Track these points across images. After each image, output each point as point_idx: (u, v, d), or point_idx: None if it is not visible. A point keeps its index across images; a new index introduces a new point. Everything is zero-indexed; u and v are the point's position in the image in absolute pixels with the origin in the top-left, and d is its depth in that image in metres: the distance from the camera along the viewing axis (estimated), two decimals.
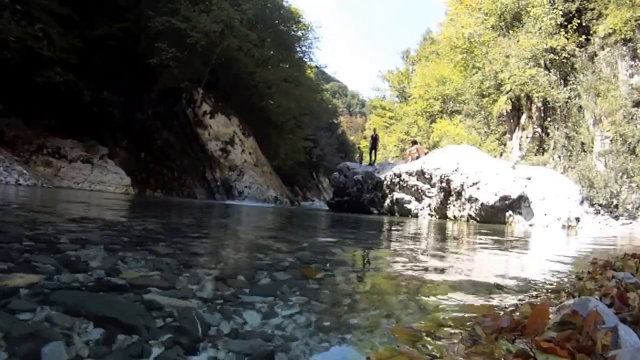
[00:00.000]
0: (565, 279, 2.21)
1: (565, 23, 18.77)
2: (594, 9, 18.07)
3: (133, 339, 0.95)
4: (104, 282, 1.43)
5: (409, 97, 33.61)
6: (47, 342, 0.85)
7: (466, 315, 1.36)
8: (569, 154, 18.00)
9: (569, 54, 18.71)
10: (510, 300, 1.66)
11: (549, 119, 19.20)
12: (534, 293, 1.83)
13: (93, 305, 1.11)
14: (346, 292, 1.74)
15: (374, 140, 18.95)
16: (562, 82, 19.02)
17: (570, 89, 18.50)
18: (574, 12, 18.81)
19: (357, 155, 25.16)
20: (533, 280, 2.22)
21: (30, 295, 1.17)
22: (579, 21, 18.54)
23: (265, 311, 1.29)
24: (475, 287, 2.01)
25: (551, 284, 2.06)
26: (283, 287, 1.62)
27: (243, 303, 1.35)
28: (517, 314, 1.15)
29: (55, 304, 1.10)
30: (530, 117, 20.04)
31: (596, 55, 18.10)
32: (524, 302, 1.51)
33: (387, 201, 14.44)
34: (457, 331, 1.08)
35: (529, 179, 11.84)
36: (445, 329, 1.13)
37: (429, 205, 13.22)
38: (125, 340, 0.94)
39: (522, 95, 19.72)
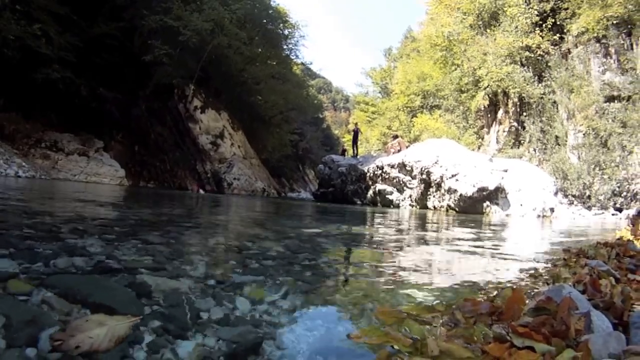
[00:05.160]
0: (541, 267, 2.27)
1: (540, 22, 19.30)
2: (567, 8, 18.64)
3: None
4: (100, 267, 1.47)
5: (391, 92, 33.95)
6: (44, 328, 0.85)
7: (448, 299, 1.39)
8: (543, 147, 18.61)
9: (543, 52, 19.28)
10: (490, 285, 1.68)
11: (524, 113, 19.78)
12: (512, 278, 1.87)
13: (87, 290, 1.11)
14: (333, 277, 1.77)
15: (356, 134, 19.31)
16: (537, 78, 19.60)
17: (545, 85, 19.08)
18: (548, 11, 19.36)
19: (340, 150, 25.47)
20: (510, 267, 2.27)
21: (28, 279, 1.19)
22: (553, 20, 19.10)
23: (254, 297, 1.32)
24: (455, 273, 2.04)
25: (527, 271, 2.11)
26: (270, 271, 1.69)
27: (234, 286, 1.38)
28: (498, 299, 1.16)
29: (52, 288, 1.11)
30: (506, 112, 20.59)
31: (570, 53, 18.72)
32: (503, 287, 1.53)
33: (370, 192, 14.61)
34: (439, 314, 1.10)
35: (506, 171, 12.18)
36: (429, 312, 1.14)
37: (410, 196, 13.43)
38: None
39: (499, 91, 20.23)
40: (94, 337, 0.77)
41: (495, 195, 11.51)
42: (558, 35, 19.13)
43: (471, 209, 11.37)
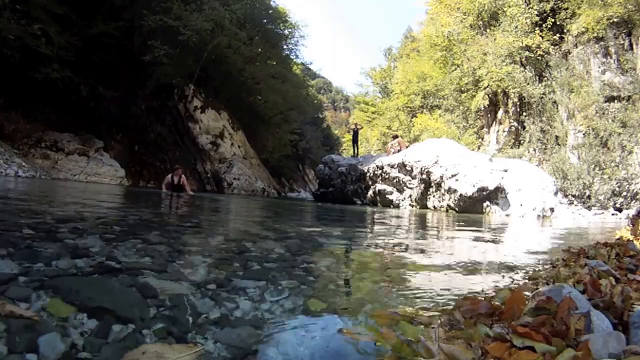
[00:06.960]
0: (542, 266, 2.27)
1: (540, 22, 19.30)
2: (567, 8, 18.64)
3: (128, 329, 0.95)
4: (101, 268, 1.46)
5: (391, 92, 33.94)
6: (43, 333, 0.84)
7: (446, 300, 1.38)
8: (543, 147, 18.61)
9: (543, 52, 19.27)
10: (489, 285, 1.68)
11: (524, 113, 19.77)
12: (512, 279, 1.87)
13: (89, 293, 1.11)
14: (332, 279, 1.77)
15: (355, 133, 19.35)
16: (537, 78, 19.59)
17: (545, 85, 19.08)
18: (548, 11, 19.36)
19: (337, 153, 25.66)
20: (511, 267, 2.27)
21: (27, 282, 1.18)
22: (553, 20, 19.10)
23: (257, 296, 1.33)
24: (455, 274, 2.04)
25: (528, 271, 2.11)
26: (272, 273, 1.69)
27: (236, 288, 1.38)
28: (496, 299, 1.16)
29: (53, 291, 1.10)
30: (506, 111, 20.58)
31: (570, 53, 18.72)
32: (502, 287, 1.53)
33: (370, 192, 14.61)
34: (437, 315, 1.10)
35: (506, 171, 12.17)
36: (426, 313, 1.14)
37: (410, 196, 13.43)
38: (121, 331, 0.93)
39: (499, 91, 20.22)
40: None
41: (495, 195, 11.50)
42: (558, 35, 19.12)
43: (471, 209, 11.37)
